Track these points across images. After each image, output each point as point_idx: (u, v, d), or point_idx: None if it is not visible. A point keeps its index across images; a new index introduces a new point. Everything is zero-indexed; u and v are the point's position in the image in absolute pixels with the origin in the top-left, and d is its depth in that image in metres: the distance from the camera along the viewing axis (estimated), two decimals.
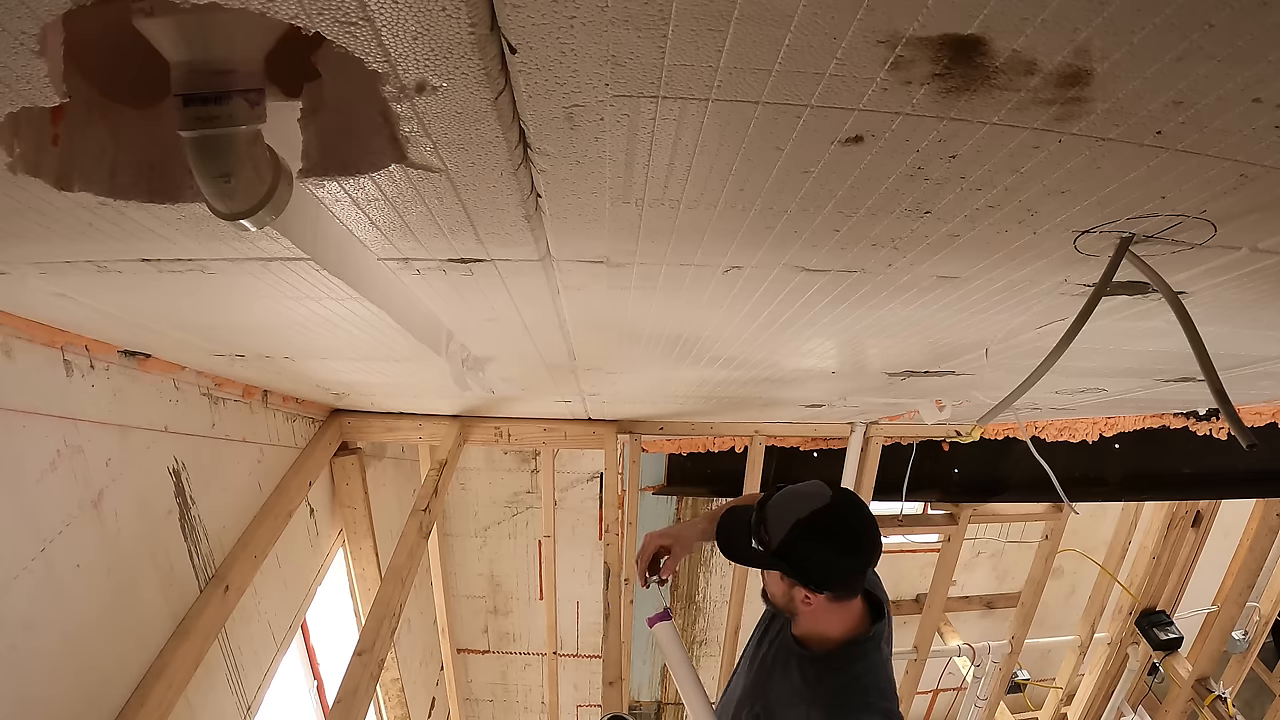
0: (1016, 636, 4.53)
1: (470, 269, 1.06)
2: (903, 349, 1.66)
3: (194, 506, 2.08)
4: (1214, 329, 1.34)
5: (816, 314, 1.31)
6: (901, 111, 0.62)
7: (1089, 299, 0.99)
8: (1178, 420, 3.43)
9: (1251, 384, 2.18)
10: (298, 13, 0.48)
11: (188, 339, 1.68)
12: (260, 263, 1.04)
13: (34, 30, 0.50)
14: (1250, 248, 0.93)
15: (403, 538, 2.56)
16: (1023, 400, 1.47)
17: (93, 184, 0.70)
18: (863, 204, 0.82)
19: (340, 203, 0.81)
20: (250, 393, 2.40)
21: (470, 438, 3.36)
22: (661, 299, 1.24)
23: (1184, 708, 4.77)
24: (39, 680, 1.50)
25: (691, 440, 3.79)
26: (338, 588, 3.54)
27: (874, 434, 3.56)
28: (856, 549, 1.29)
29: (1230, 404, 0.90)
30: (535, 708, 5.82)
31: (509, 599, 5.31)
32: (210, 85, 0.56)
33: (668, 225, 0.90)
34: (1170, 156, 0.68)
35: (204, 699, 2.12)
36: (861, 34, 0.52)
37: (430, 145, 0.67)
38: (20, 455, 1.44)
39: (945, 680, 5.59)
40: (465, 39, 0.51)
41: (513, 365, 2.00)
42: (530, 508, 4.91)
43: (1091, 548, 4.88)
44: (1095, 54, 0.53)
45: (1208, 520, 4.47)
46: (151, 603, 1.90)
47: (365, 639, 2.11)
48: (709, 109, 0.63)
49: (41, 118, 0.65)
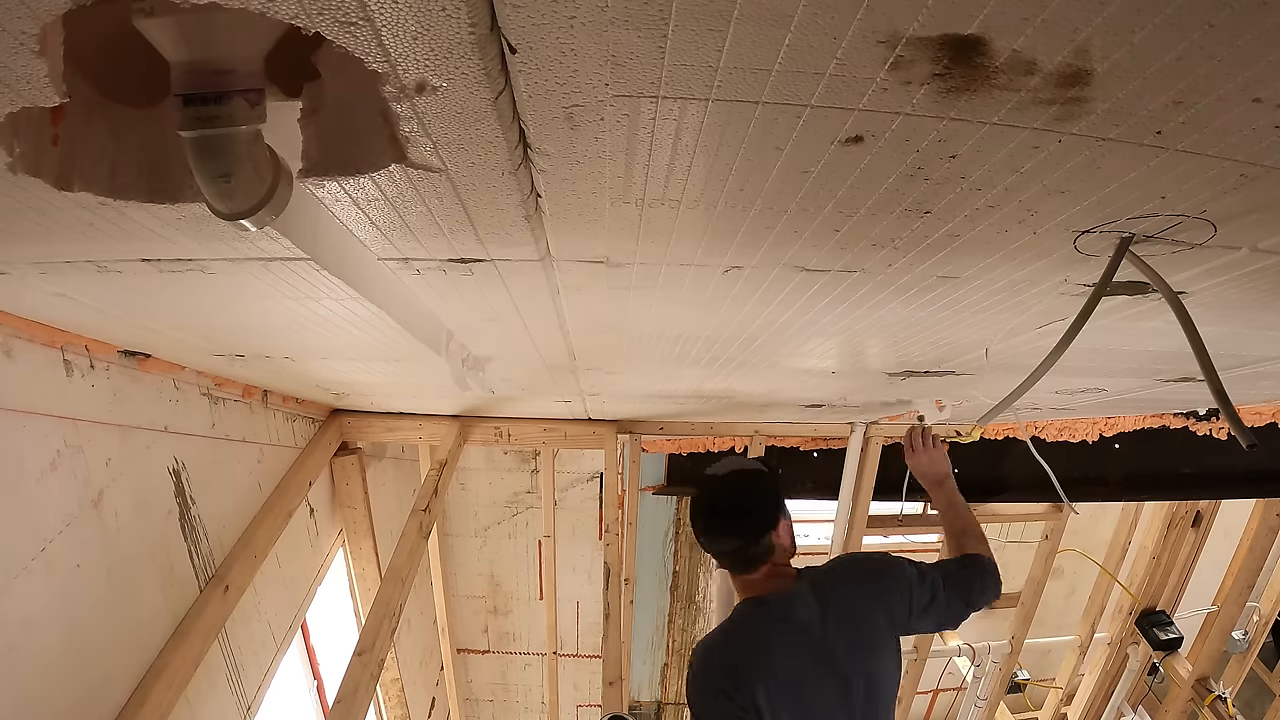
0: (1016, 636, 4.53)
1: (470, 269, 1.06)
2: (903, 349, 1.66)
3: (194, 506, 2.08)
4: (1214, 329, 1.34)
5: (816, 314, 1.31)
6: (901, 111, 0.62)
7: (1089, 299, 0.99)
8: (1178, 420, 3.43)
9: (1251, 384, 2.18)
10: (298, 13, 0.48)
11: (188, 339, 1.68)
12: (260, 263, 1.04)
13: (34, 30, 0.50)
14: (1250, 248, 0.93)
15: (403, 538, 2.56)
16: (1023, 400, 1.47)
17: (93, 184, 0.70)
18: (863, 204, 0.82)
19: (340, 203, 0.81)
20: (250, 393, 2.40)
21: (470, 438, 3.36)
22: (661, 299, 1.24)
23: (1184, 708, 4.76)
24: (39, 680, 1.50)
25: (691, 440, 3.79)
26: (338, 588, 3.54)
27: (874, 434, 3.56)
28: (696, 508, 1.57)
29: (1230, 404, 0.90)
30: (535, 708, 5.82)
31: (509, 599, 5.31)
32: (210, 85, 0.56)
33: (668, 225, 0.90)
34: (1170, 156, 0.68)
35: (204, 699, 2.12)
36: (861, 34, 0.52)
37: (430, 145, 0.67)
38: (20, 455, 1.44)
39: (945, 680, 5.58)
40: (465, 39, 0.51)
41: (513, 365, 2.00)
42: (530, 508, 4.90)
43: (1091, 548, 4.88)
44: (1095, 54, 0.53)
45: (1208, 520, 4.47)
46: (151, 603, 1.90)
47: (365, 639, 2.10)
48: (709, 109, 0.63)
49: (41, 118, 0.65)
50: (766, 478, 1.59)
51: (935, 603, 1.57)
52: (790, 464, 3.79)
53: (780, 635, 1.48)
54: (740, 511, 1.53)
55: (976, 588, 1.63)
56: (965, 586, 1.62)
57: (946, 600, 1.58)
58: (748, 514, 1.52)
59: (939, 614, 1.59)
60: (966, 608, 1.62)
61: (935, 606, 1.58)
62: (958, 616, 1.61)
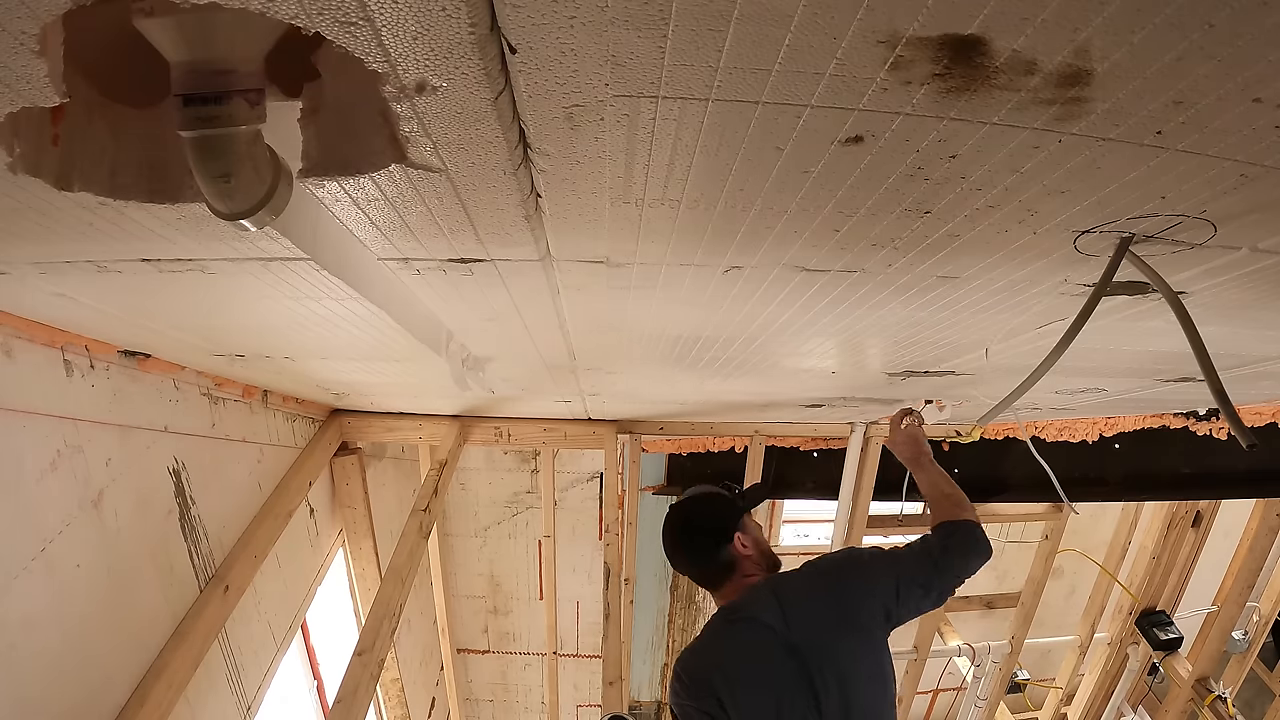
0: (1016, 636, 4.53)
1: (470, 269, 1.06)
2: (903, 349, 1.66)
3: (194, 506, 2.08)
4: (1214, 329, 1.34)
5: (816, 314, 1.31)
6: (901, 111, 0.62)
7: (1089, 299, 0.99)
8: (1178, 420, 3.43)
9: (1251, 384, 2.18)
10: (298, 13, 0.48)
11: (188, 339, 1.68)
12: (260, 263, 1.04)
13: (34, 30, 0.50)
14: (1250, 248, 0.93)
15: (403, 538, 2.56)
16: (1023, 400, 1.47)
17: (93, 184, 0.70)
18: (863, 204, 0.82)
19: (340, 203, 0.81)
20: (250, 393, 2.40)
21: (470, 438, 3.36)
22: (661, 299, 1.24)
23: (1184, 708, 4.76)
24: (39, 680, 1.50)
25: (691, 440, 3.79)
26: (338, 588, 3.54)
27: (874, 434, 3.56)
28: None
29: (1230, 404, 0.90)
30: (535, 708, 5.82)
31: (509, 599, 5.31)
32: (210, 85, 0.56)
33: (668, 225, 0.90)
34: (1170, 156, 0.68)
35: (204, 699, 2.12)
36: (861, 34, 0.52)
37: (430, 145, 0.67)
38: (20, 455, 1.44)
39: (945, 680, 5.58)
40: (465, 39, 0.51)
41: (513, 365, 2.00)
42: (530, 508, 4.90)
43: (1091, 548, 4.88)
44: (1095, 54, 0.53)
45: (1208, 520, 4.47)
46: (151, 603, 1.90)
47: (365, 639, 2.10)
48: (709, 109, 0.63)
49: (42, 118, 0.65)
50: (718, 498, 1.68)
51: (914, 588, 1.52)
52: (790, 464, 3.79)
53: (741, 638, 1.49)
54: (689, 532, 1.64)
55: (957, 561, 1.57)
56: (946, 563, 1.55)
57: (926, 583, 1.53)
58: (696, 533, 1.63)
59: (922, 599, 1.54)
60: (956, 580, 1.56)
61: (915, 592, 1.52)
62: (945, 593, 1.56)
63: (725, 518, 1.64)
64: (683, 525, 1.65)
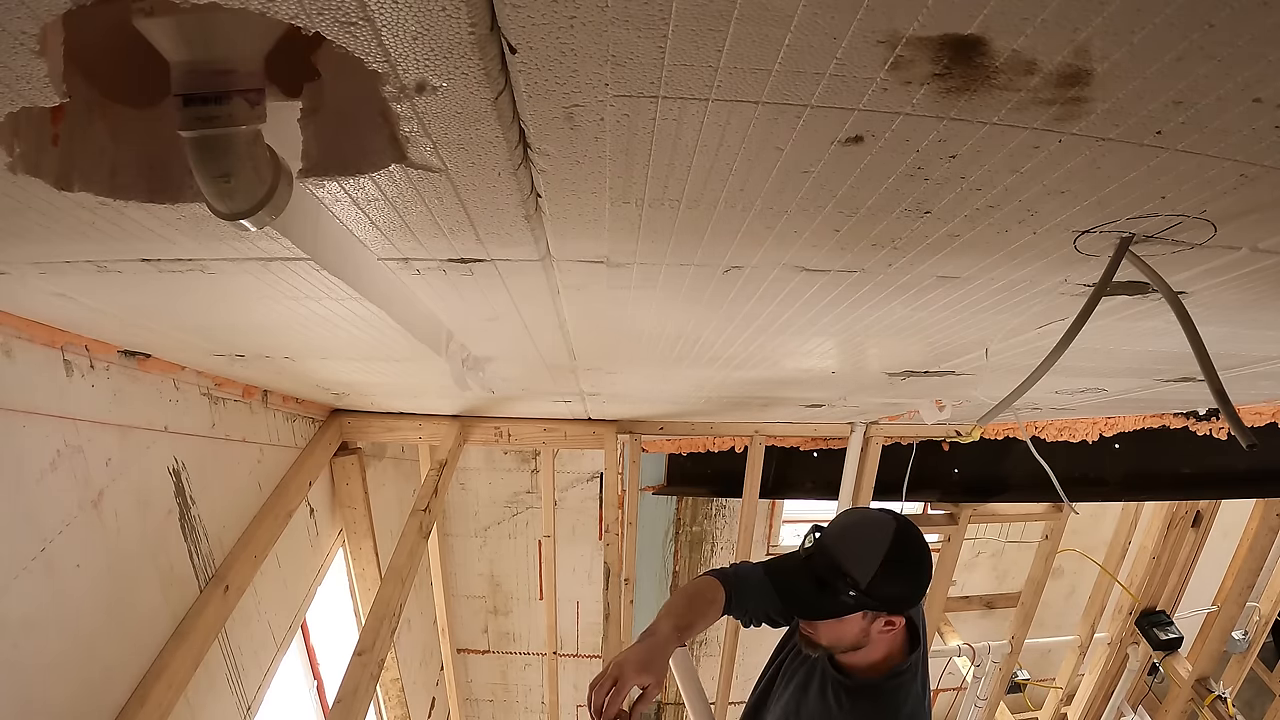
0: (1016, 636, 4.53)
1: (470, 269, 1.06)
2: (903, 349, 1.66)
3: (194, 506, 2.08)
4: (1214, 329, 1.34)
5: (816, 314, 1.31)
6: (901, 111, 0.62)
7: (1089, 299, 0.99)
8: (1178, 420, 3.43)
9: (1251, 384, 2.18)
10: (298, 13, 0.48)
11: (188, 339, 1.68)
12: (260, 263, 1.04)
13: (34, 30, 0.50)
14: (1250, 248, 0.93)
15: (403, 538, 2.56)
16: (1023, 400, 1.47)
17: (93, 184, 0.70)
18: (863, 204, 0.82)
19: (340, 203, 0.81)
20: (250, 393, 2.40)
21: (470, 438, 3.36)
22: (661, 299, 1.24)
23: (1184, 708, 4.76)
24: (39, 680, 1.50)
25: (691, 440, 3.79)
26: (338, 588, 3.54)
27: (874, 434, 3.56)
28: (928, 568, 1.33)
29: (1230, 404, 0.90)
30: (535, 708, 5.82)
31: (509, 599, 5.31)
32: (210, 85, 0.56)
33: (668, 225, 0.90)
34: (1170, 156, 0.68)
35: (204, 699, 2.12)
36: (861, 34, 0.52)
37: (430, 145, 0.67)
38: (20, 455, 1.44)
39: (945, 680, 5.58)
40: (465, 39, 0.51)
41: (513, 365, 2.00)
42: (530, 508, 4.90)
43: (1091, 548, 4.88)
44: (1095, 54, 0.53)
45: (1208, 520, 4.47)
46: (151, 603, 1.90)
47: (365, 639, 2.10)
48: (709, 109, 0.63)
49: (42, 118, 0.65)
50: None
51: None
52: (790, 464, 3.80)
53: None
54: None
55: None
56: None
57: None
58: None
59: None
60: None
61: None
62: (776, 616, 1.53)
63: None
64: None
